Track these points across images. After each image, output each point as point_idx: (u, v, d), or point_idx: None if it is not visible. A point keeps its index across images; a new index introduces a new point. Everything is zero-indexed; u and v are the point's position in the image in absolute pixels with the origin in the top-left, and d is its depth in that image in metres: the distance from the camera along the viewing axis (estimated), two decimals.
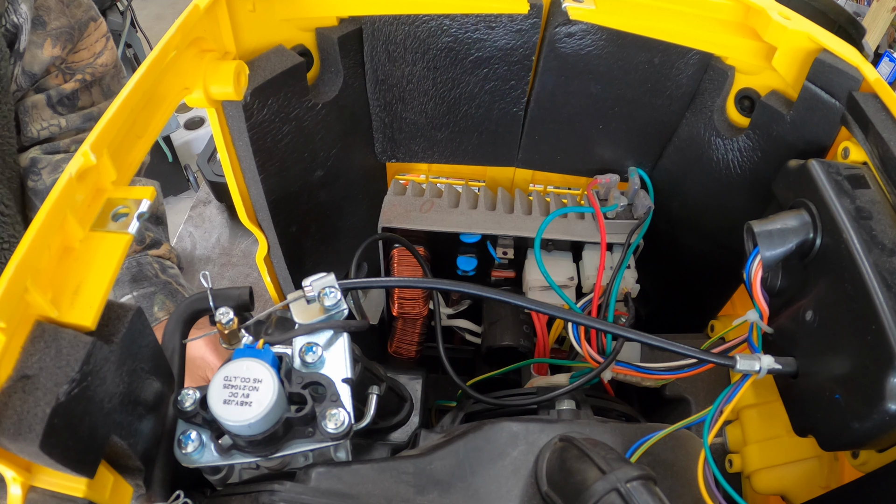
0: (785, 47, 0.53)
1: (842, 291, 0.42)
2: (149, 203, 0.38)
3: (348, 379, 0.44)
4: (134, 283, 0.80)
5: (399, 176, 0.76)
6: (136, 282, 0.80)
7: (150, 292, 0.80)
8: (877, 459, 0.44)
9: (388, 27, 0.59)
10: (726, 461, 0.60)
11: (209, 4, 0.47)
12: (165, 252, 0.86)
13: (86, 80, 0.81)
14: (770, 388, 0.56)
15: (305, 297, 0.46)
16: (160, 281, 0.81)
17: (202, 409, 0.41)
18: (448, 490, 0.43)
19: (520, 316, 0.69)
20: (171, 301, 0.80)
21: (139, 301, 0.78)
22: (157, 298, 0.80)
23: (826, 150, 0.53)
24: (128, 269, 0.81)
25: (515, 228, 0.68)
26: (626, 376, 0.61)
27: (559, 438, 0.45)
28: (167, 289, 0.81)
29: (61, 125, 0.80)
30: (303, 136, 0.60)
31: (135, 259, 0.83)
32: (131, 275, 0.81)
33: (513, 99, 0.65)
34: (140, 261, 0.83)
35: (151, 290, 0.80)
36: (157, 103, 0.43)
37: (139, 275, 0.81)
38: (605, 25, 0.57)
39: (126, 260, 0.81)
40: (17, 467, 0.32)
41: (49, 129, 0.80)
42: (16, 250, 0.31)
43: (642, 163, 0.70)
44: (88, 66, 0.82)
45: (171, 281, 0.83)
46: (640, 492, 0.37)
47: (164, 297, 0.80)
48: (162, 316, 0.79)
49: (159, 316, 0.79)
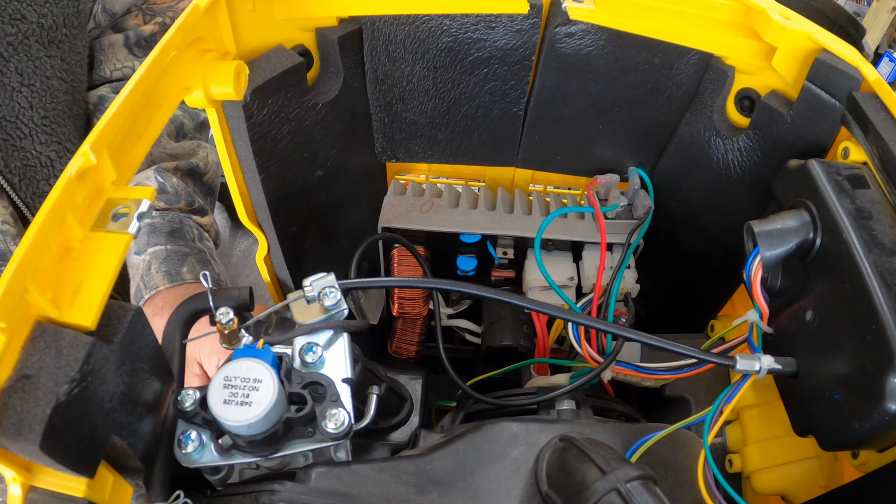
0: (785, 47, 0.53)
1: (842, 291, 0.42)
2: (149, 203, 0.38)
3: (348, 379, 0.44)
4: (171, 237, 0.77)
5: (399, 176, 0.76)
6: (173, 236, 0.77)
7: (183, 252, 0.76)
8: (877, 459, 0.44)
9: (388, 27, 0.59)
10: (726, 461, 0.60)
11: (209, 4, 0.47)
12: (208, 223, 0.84)
13: (165, 23, 0.79)
14: (770, 388, 0.56)
15: (305, 297, 0.46)
16: (196, 247, 0.78)
17: (202, 409, 0.41)
18: (448, 490, 0.43)
19: (520, 316, 0.69)
20: (200, 267, 0.76)
21: (171, 255, 0.75)
22: (188, 260, 0.76)
23: (826, 150, 0.53)
24: (169, 223, 0.78)
25: (515, 228, 0.68)
26: (626, 376, 0.61)
27: (559, 438, 0.45)
28: (201, 256, 0.77)
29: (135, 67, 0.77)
30: (303, 136, 0.60)
31: (178, 216, 0.79)
32: (171, 228, 0.77)
33: (513, 99, 0.65)
34: (183, 221, 0.80)
35: (186, 250, 0.76)
36: (157, 103, 0.43)
37: (178, 232, 0.78)
38: (605, 25, 0.57)
39: (170, 214, 0.79)
40: (17, 467, 0.32)
41: (122, 70, 0.78)
42: (16, 250, 0.31)
43: (642, 163, 0.70)
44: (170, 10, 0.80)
45: (206, 251, 0.79)
46: (640, 492, 0.37)
47: (195, 262, 0.76)
48: (190, 279, 0.74)
49: (187, 278, 0.74)
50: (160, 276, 0.73)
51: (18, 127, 0.71)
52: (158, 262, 0.74)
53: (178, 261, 0.75)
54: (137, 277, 0.75)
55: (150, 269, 0.74)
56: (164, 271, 0.73)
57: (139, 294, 0.74)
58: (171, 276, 0.73)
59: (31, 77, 0.70)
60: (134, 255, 0.76)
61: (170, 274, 0.73)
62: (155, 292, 0.73)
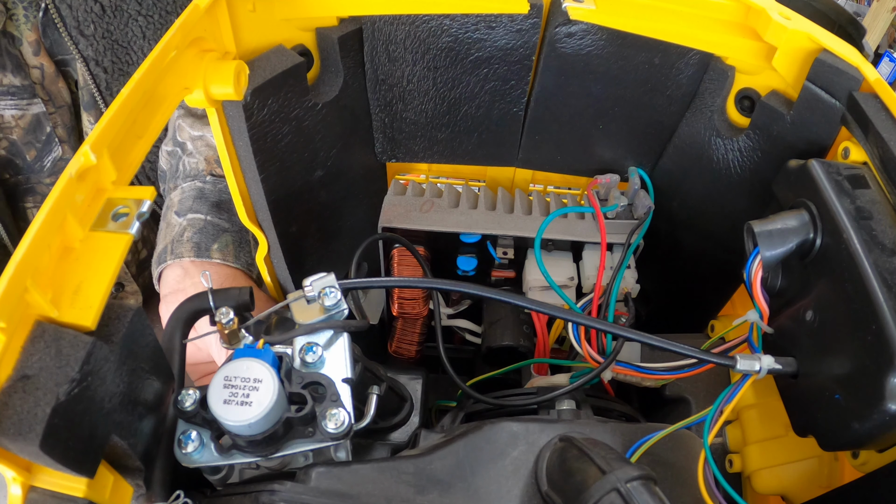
0: (785, 47, 0.53)
1: (842, 291, 0.42)
2: (149, 203, 0.38)
3: (348, 379, 0.44)
4: (215, 208, 0.72)
5: (399, 176, 0.76)
6: (218, 208, 0.72)
7: (223, 227, 0.71)
8: (877, 459, 0.44)
9: (389, 27, 0.59)
10: (726, 461, 0.60)
11: (209, 4, 0.47)
12: None
13: None
14: (770, 388, 0.56)
15: (305, 297, 0.46)
16: (238, 224, 0.70)
17: (202, 408, 0.41)
18: (448, 490, 0.43)
19: (520, 316, 0.69)
20: (234, 248, 0.70)
21: (207, 227, 0.70)
22: (224, 237, 0.70)
23: (826, 150, 0.53)
24: (219, 192, 0.72)
25: (515, 228, 0.68)
26: (626, 376, 0.61)
27: (559, 438, 0.45)
28: (241, 236, 0.72)
29: None
30: (303, 136, 0.60)
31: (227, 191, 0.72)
32: (220, 199, 0.72)
33: (513, 99, 0.65)
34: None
35: (226, 225, 0.71)
36: (157, 103, 0.43)
37: (225, 204, 0.72)
38: (605, 25, 0.57)
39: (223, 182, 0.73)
40: (17, 467, 0.32)
41: None
42: (16, 250, 0.31)
43: (642, 163, 0.70)
44: None
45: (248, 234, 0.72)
46: (640, 492, 0.37)
47: (230, 240, 0.71)
48: (217, 257, 0.69)
49: (215, 256, 0.69)
50: (188, 246, 0.69)
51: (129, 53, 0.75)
52: (192, 231, 0.70)
53: (211, 234, 0.70)
54: (168, 239, 0.71)
55: (183, 235, 0.70)
56: (194, 242, 0.69)
57: (162, 257, 0.70)
58: (199, 250, 0.69)
59: (150, 9, 0.73)
60: (174, 214, 0.72)
61: (199, 246, 0.69)
62: (177, 261, 0.69)
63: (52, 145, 0.77)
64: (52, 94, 0.76)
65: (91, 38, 0.73)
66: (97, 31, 0.73)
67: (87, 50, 0.74)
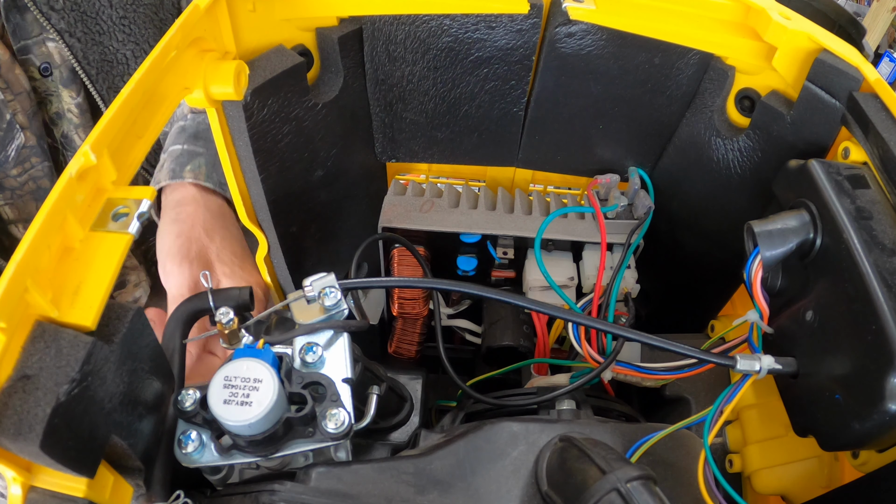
0: (785, 47, 0.53)
1: (842, 291, 0.42)
2: (149, 203, 0.38)
3: (348, 379, 0.44)
4: (192, 139, 0.75)
5: (399, 176, 0.76)
6: (196, 138, 0.75)
7: (197, 152, 0.73)
8: (877, 459, 0.44)
9: (389, 27, 0.59)
10: (726, 461, 0.60)
11: (209, 4, 0.47)
12: None
13: None
14: (770, 388, 0.56)
15: (305, 297, 0.46)
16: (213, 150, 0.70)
17: (202, 408, 0.41)
18: (448, 490, 0.43)
19: (520, 316, 0.69)
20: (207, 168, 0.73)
21: (182, 154, 0.73)
22: (197, 160, 0.73)
23: (826, 150, 0.53)
24: (197, 125, 0.76)
25: (515, 228, 0.68)
26: (626, 376, 0.61)
27: (559, 438, 0.45)
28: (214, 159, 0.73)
29: None
30: (303, 136, 0.60)
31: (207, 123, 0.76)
32: (197, 130, 0.75)
33: (513, 99, 0.65)
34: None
35: (200, 150, 0.74)
36: (157, 103, 0.43)
37: (203, 133, 0.75)
38: (605, 25, 0.57)
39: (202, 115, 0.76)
40: (17, 467, 0.32)
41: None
42: (16, 250, 0.31)
43: (642, 163, 0.70)
44: None
45: None
46: (640, 492, 0.37)
47: (203, 162, 0.73)
48: (189, 177, 0.71)
49: (186, 176, 0.71)
50: (164, 173, 0.73)
51: (98, 23, 0.78)
52: (171, 161, 0.74)
53: (183, 160, 0.73)
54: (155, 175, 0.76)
55: (163, 166, 0.74)
56: (169, 168, 0.73)
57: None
58: (173, 173, 0.72)
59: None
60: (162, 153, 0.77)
61: (173, 171, 0.73)
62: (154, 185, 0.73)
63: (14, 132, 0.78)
64: (10, 81, 0.77)
65: (61, 11, 0.76)
66: (66, 5, 0.76)
67: (60, 23, 0.76)
